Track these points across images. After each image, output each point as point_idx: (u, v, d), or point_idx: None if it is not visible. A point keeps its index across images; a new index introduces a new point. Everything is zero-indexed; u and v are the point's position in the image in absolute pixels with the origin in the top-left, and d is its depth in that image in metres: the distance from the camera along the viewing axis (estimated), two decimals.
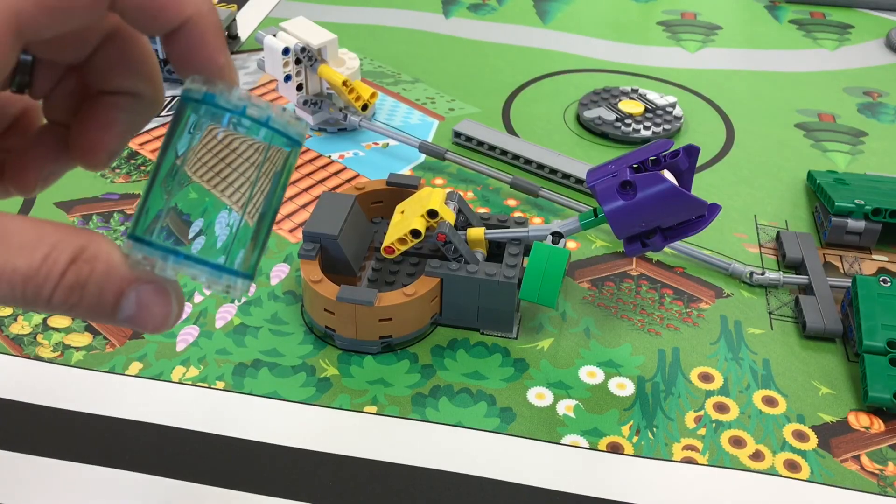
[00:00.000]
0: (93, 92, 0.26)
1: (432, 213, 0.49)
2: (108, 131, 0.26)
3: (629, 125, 0.70)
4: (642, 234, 0.46)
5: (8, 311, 0.51)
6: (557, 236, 0.48)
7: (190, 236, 0.23)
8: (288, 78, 0.67)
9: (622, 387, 0.48)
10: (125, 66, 0.25)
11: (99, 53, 0.25)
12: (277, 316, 0.51)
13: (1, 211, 0.22)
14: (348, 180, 0.64)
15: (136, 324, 0.23)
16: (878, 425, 0.46)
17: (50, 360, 0.48)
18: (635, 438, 0.45)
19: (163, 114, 0.70)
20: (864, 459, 0.44)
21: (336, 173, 0.65)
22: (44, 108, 0.27)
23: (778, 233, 0.59)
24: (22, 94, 0.26)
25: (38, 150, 0.26)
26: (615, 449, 0.44)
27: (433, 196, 0.50)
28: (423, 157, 0.67)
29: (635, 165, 0.45)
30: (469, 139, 0.67)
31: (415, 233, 0.48)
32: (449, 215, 0.49)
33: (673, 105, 0.72)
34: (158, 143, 0.67)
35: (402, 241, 0.49)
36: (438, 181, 0.64)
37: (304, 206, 0.61)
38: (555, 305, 0.47)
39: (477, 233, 0.51)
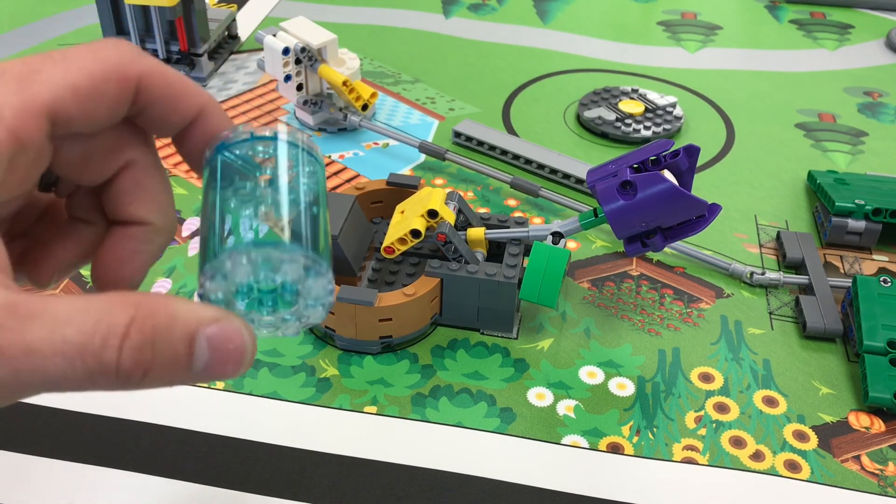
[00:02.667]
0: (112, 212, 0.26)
1: (432, 213, 0.49)
2: (127, 266, 0.26)
3: (629, 125, 0.70)
4: (643, 235, 0.46)
5: None
6: (558, 236, 0.48)
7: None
8: (288, 78, 0.67)
9: (622, 387, 0.48)
10: (141, 195, 0.26)
11: (117, 181, 0.26)
12: None
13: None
14: (348, 180, 0.64)
15: (214, 367, 0.22)
16: (878, 425, 0.46)
17: None
18: (635, 438, 0.45)
19: None
20: (865, 459, 0.44)
21: (336, 173, 0.65)
22: (67, 206, 0.27)
23: (778, 233, 0.59)
24: (48, 192, 0.26)
25: (59, 245, 0.26)
26: (615, 449, 0.44)
27: (433, 196, 0.50)
28: (423, 157, 0.67)
29: (635, 165, 0.45)
30: (469, 139, 0.67)
31: (415, 233, 0.48)
32: (449, 215, 0.49)
33: (673, 105, 0.72)
34: (157, 143, 0.67)
35: (402, 241, 0.49)
36: (438, 181, 0.64)
37: None
38: (555, 305, 0.47)
39: (477, 233, 0.51)
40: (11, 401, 0.21)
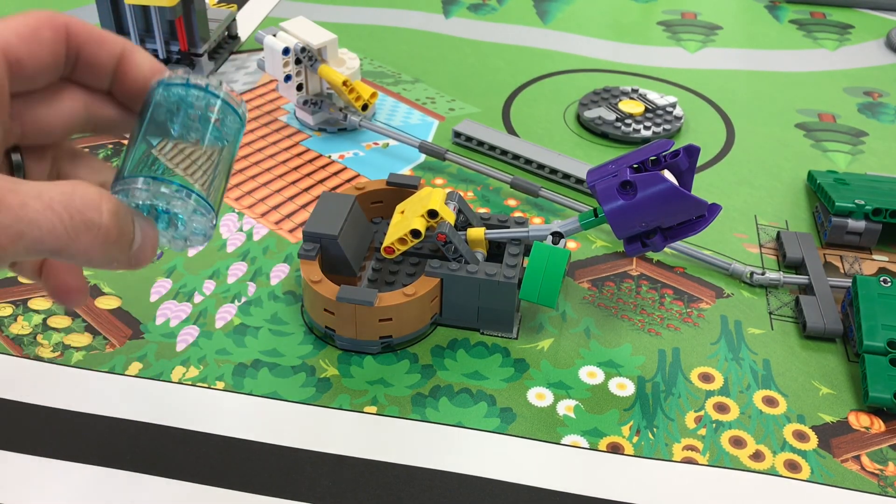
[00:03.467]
0: None
1: (432, 214, 0.49)
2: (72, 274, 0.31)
3: (629, 125, 0.70)
4: (642, 234, 0.46)
5: (8, 310, 0.51)
6: (557, 236, 0.48)
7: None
8: (288, 78, 0.67)
9: (622, 387, 0.48)
10: (81, 163, 0.32)
11: (61, 149, 0.31)
12: (277, 316, 0.51)
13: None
14: (348, 180, 0.64)
15: (139, 255, 0.28)
16: (878, 425, 0.46)
17: (50, 360, 0.48)
18: (635, 438, 0.45)
19: None
20: (865, 459, 0.44)
21: (336, 173, 0.65)
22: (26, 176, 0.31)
23: (778, 233, 0.59)
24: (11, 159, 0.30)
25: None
26: (615, 449, 0.44)
27: (433, 196, 0.50)
28: (423, 157, 0.67)
29: (635, 165, 0.45)
30: (469, 139, 0.67)
31: (415, 233, 0.48)
32: (449, 215, 0.49)
33: (673, 105, 0.72)
34: None
35: (402, 241, 0.49)
36: (438, 181, 0.64)
37: (304, 206, 0.61)
38: (555, 305, 0.47)
39: (477, 233, 0.51)
40: (7, 256, 0.24)
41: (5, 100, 0.28)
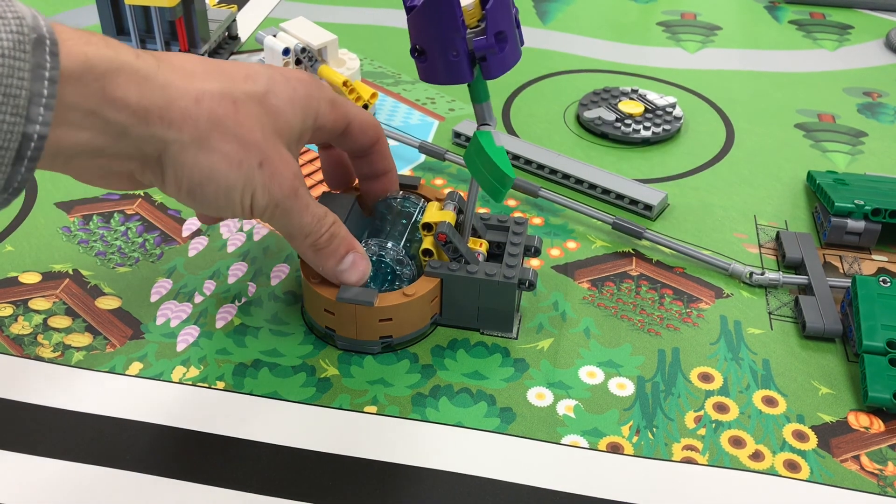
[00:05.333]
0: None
1: (427, 227, 0.49)
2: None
3: (629, 125, 0.70)
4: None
5: (8, 311, 0.51)
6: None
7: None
8: None
9: (622, 387, 0.48)
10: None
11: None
12: (277, 316, 0.51)
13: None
14: None
15: (344, 277, 0.46)
16: (877, 425, 0.46)
17: (50, 360, 0.48)
18: (635, 438, 0.45)
19: None
20: (864, 459, 0.44)
21: None
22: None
23: (778, 233, 0.59)
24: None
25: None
26: (615, 449, 0.44)
27: (429, 210, 0.49)
28: (423, 157, 0.67)
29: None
30: (469, 139, 0.67)
31: (427, 252, 0.49)
32: (448, 216, 0.49)
33: (673, 105, 0.72)
34: None
35: (427, 254, 0.49)
36: (438, 181, 0.64)
37: None
38: (514, 175, 0.44)
39: (446, 215, 0.51)
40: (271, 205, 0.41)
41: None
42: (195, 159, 0.38)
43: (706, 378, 0.48)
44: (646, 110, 0.72)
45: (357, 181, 0.52)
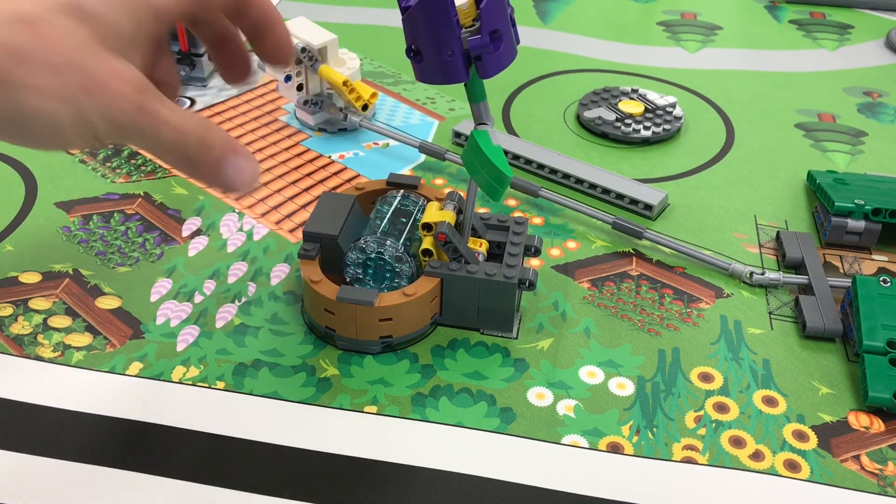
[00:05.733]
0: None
1: (427, 227, 0.49)
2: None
3: (629, 125, 0.70)
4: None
5: (8, 311, 0.51)
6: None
7: None
8: (288, 78, 0.67)
9: (622, 387, 0.48)
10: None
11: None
12: (277, 316, 0.51)
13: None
14: (348, 180, 0.64)
15: (232, 184, 0.35)
16: (878, 425, 0.46)
17: (50, 360, 0.48)
18: (635, 438, 0.45)
19: None
20: (864, 459, 0.44)
21: (336, 173, 0.65)
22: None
23: (778, 233, 0.59)
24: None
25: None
26: (615, 449, 0.44)
27: (428, 210, 0.49)
28: (423, 157, 0.67)
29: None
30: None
31: (427, 252, 0.49)
32: (448, 216, 0.49)
33: (673, 105, 0.72)
34: None
35: (427, 255, 0.49)
36: (438, 181, 0.64)
37: (304, 207, 0.61)
38: (511, 173, 0.45)
39: (446, 215, 0.51)
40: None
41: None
42: (5, 103, 0.32)
43: (706, 378, 0.48)
44: (646, 110, 0.72)
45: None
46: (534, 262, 0.56)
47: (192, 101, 0.73)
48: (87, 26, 0.33)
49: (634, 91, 0.74)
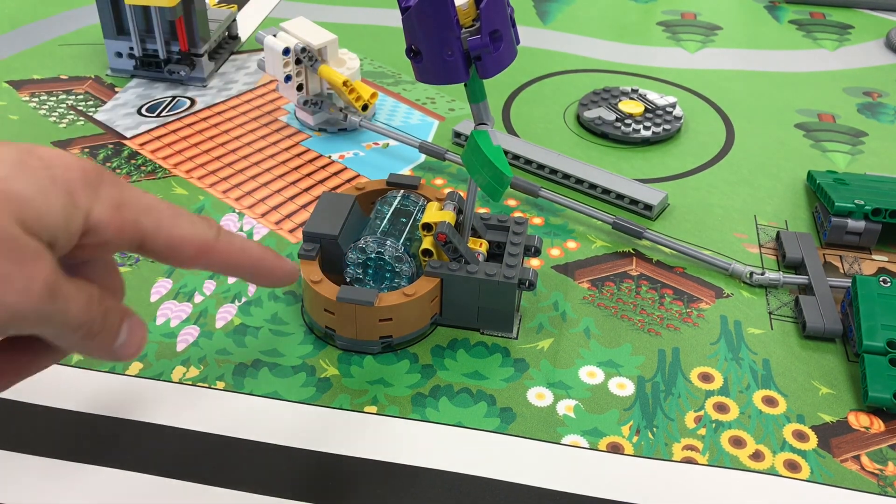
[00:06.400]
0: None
1: (427, 227, 0.49)
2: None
3: (629, 125, 0.70)
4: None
5: None
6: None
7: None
8: (288, 78, 0.67)
9: (622, 387, 0.48)
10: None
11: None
12: (277, 316, 0.51)
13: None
14: (348, 180, 0.64)
15: (123, 349, 0.32)
16: (878, 425, 0.46)
17: None
18: (635, 438, 0.45)
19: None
20: (864, 459, 0.44)
21: (336, 173, 0.65)
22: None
23: (778, 233, 0.59)
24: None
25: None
26: (615, 449, 0.44)
27: (428, 210, 0.49)
28: (423, 157, 0.67)
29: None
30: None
31: (426, 252, 0.49)
32: (448, 216, 0.49)
33: (673, 105, 0.72)
34: (158, 144, 0.67)
35: (427, 255, 0.49)
36: (438, 181, 0.64)
37: (304, 207, 0.61)
38: (511, 173, 0.45)
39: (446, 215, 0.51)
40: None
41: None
42: None
43: (706, 378, 0.48)
44: (646, 110, 0.72)
45: None
46: (534, 262, 0.56)
47: (192, 101, 0.73)
48: (10, 205, 0.28)
49: (634, 91, 0.74)
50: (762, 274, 0.55)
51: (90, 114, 0.71)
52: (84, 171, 0.30)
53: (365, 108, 0.67)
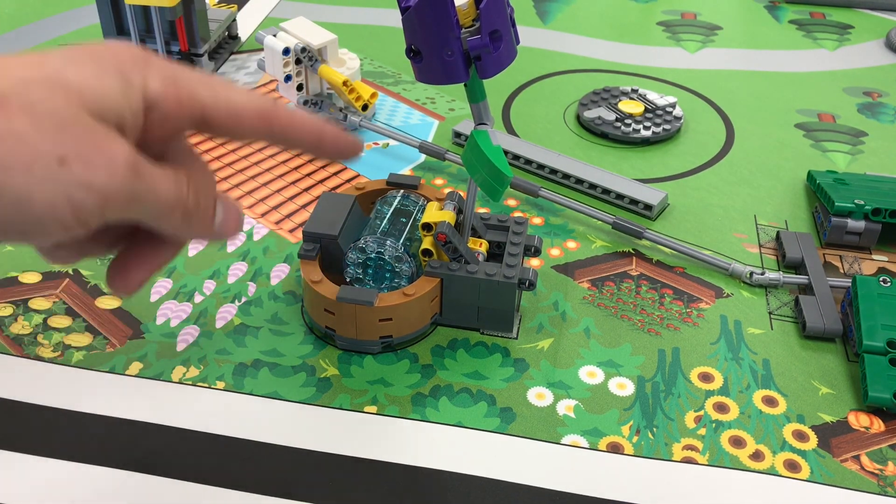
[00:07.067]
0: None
1: (427, 227, 0.49)
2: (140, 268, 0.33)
3: (629, 125, 0.70)
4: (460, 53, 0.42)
5: (8, 310, 0.51)
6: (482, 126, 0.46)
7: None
8: (288, 78, 0.67)
9: (622, 387, 0.48)
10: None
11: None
12: (277, 316, 0.51)
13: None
14: (348, 180, 0.64)
15: (224, 227, 0.33)
16: (878, 425, 0.46)
17: (50, 360, 0.48)
18: (635, 438, 0.45)
19: None
20: (864, 459, 0.44)
21: (336, 173, 0.65)
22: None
23: (778, 233, 0.59)
24: None
25: (148, 253, 0.33)
26: (615, 449, 0.44)
27: (428, 210, 0.49)
28: (423, 157, 0.67)
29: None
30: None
31: (426, 252, 0.49)
32: (448, 216, 0.49)
33: (673, 105, 0.72)
34: None
35: (427, 255, 0.49)
36: (438, 181, 0.64)
37: (304, 207, 0.61)
38: (511, 173, 0.45)
39: (444, 214, 0.51)
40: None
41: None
42: None
43: (706, 378, 0.48)
44: (646, 110, 0.72)
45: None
46: (534, 262, 0.56)
47: None
48: (72, 95, 0.29)
49: (634, 91, 0.74)
50: (762, 274, 0.55)
51: None
52: (131, 53, 0.31)
53: (365, 108, 0.67)
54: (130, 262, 0.33)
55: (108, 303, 0.52)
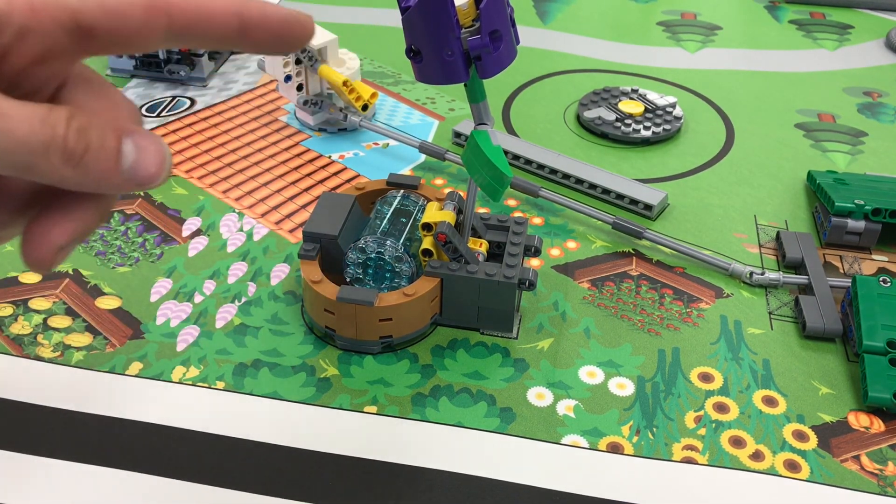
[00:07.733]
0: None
1: (427, 227, 0.49)
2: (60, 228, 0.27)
3: (629, 125, 0.70)
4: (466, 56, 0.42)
5: (8, 310, 0.51)
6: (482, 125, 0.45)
7: None
8: (288, 78, 0.67)
9: (622, 387, 0.48)
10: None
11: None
12: (277, 316, 0.51)
13: None
14: (348, 180, 0.64)
15: (138, 170, 0.26)
16: (878, 425, 0.46)
17: (50, 360, 0.48)
18: (635, 438, 0.45)
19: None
20: (864, 459, 0.44)
21: (336, 173, 0.65)
22: None
23: (778, 233, 0.59)
24: None
25: (63, 218, 0.27)
26: (615, 449, 0.44)
27: (428, 210, 0.49)
28: (423, 157, 0.67)
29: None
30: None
31: (427, 252, 0.49)
32: (448, 216, 0.49)
33: (673, 105, 0.72)
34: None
35: (427, 255, 0.49)
36: (438, 181, 0.64)
37: (304, 207, 0.61)
38: (511, 173, 0.44)
39: (444, 214, 0.51)
40: None
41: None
42: None
43: (706, 378, 0.48)
44: (646, 110, 0.72)
45: None
46: (534, 262, 0.56)
47: (192, 101, 0.73)
48: None
49: (634, 91, 0.74)
50: (762, 274, 0.55)
51: None
52: None
53: (365, 108, 0.67)
54: (43, 227, 0.27)
55: (108, 303, 0.52)
